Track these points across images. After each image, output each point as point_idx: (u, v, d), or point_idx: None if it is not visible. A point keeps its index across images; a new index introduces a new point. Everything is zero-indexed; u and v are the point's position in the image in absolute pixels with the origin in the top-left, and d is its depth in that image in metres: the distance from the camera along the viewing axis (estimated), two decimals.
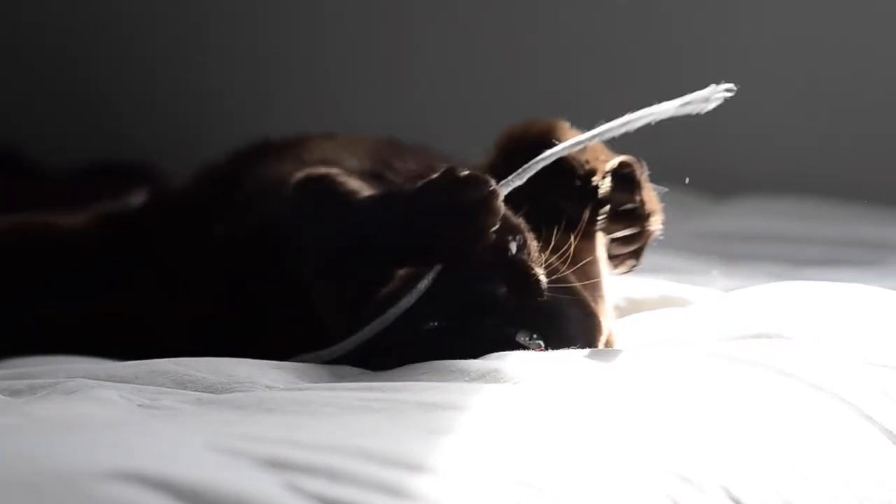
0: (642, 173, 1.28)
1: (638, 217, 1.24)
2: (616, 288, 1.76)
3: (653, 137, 3.21)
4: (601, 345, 1.38)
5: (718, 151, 3.27)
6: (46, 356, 1.54)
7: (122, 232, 1.60)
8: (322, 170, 1.33)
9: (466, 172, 1.21)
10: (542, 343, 1.28)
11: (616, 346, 1.46)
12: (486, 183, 1.20)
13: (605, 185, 1.28)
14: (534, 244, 1.24)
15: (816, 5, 3.21)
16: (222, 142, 3.92)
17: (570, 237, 1.29)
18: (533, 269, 1.22)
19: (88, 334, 1.54)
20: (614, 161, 1.29)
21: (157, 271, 1.56)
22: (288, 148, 1.55)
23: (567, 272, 1.29)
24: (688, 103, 1.22)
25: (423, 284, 1.23)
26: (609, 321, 1.45)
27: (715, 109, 1.22)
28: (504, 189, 1.23)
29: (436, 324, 1.27)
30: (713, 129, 3.26)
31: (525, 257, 1.22)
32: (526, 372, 1.21)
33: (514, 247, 1.22)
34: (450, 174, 1.21)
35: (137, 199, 1.69)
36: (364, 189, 1.28)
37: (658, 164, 1.30)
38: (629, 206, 1.24)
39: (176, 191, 1.68)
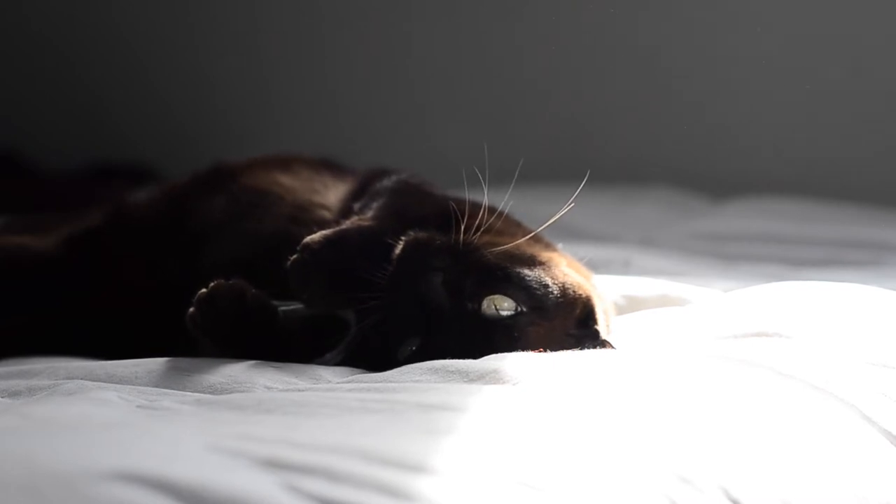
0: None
1: None
2: (614, 286, 1.76)
3: (653, 138, 3.20)
4: (594, 293, 1.43)
5: (718, 152, 3.26)
6: (43, 357, 1.55)
7: (84, 250, 1.74)
8: None
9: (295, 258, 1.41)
10: (513, 305, 1.32)
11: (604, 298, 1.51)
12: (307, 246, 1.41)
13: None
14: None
15: (817, 6, 3.21)
16: (222, 142, 3.91)
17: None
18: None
19: (54, 336, 1.67)
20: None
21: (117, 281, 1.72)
22: (232, 177, 1.73)
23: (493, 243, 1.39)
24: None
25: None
26: (581, 271, 1.50)
27: (715, 111, 1.23)
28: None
29: (413, 348, 1.32)
30: (713, 130, 3.26)
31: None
32: (525, 373, 1.21)
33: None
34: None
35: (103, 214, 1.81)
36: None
37: (658, 164, 1.30)
38: None
39: (136, 208, 1.78)
